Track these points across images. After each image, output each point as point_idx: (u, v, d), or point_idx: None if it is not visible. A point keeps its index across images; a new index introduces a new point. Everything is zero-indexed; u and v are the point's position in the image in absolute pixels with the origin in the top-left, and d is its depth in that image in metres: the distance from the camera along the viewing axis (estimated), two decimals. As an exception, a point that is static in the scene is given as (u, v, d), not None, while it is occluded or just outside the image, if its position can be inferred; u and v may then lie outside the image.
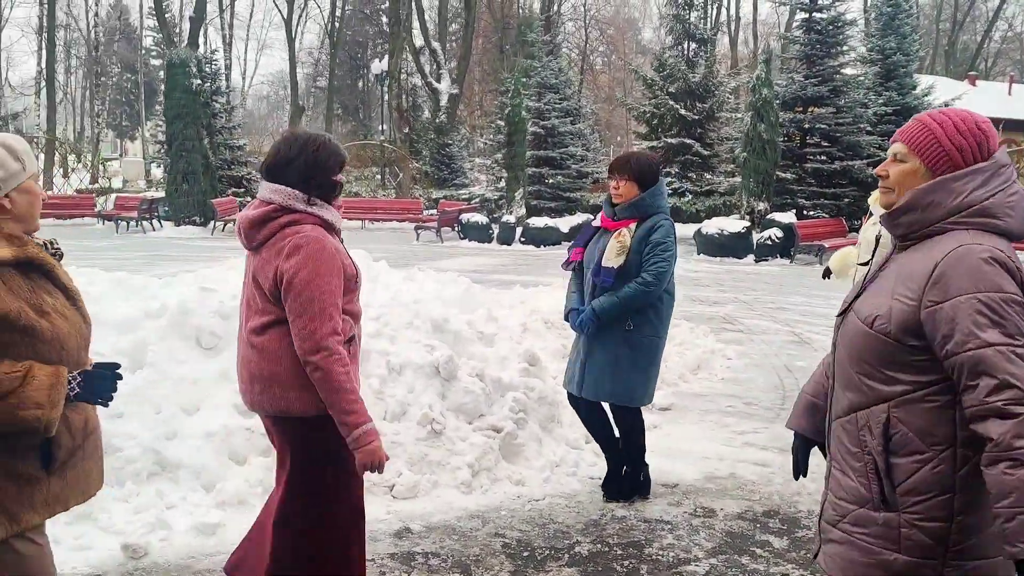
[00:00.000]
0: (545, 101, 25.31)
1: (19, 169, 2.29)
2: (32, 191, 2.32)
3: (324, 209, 2.94)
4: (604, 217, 4.53)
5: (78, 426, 2.32)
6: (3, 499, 2.19)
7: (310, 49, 59.42)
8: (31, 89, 46.14)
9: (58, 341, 2.25)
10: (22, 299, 2.20)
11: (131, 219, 21.78)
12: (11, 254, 2.21)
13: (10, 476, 2.20)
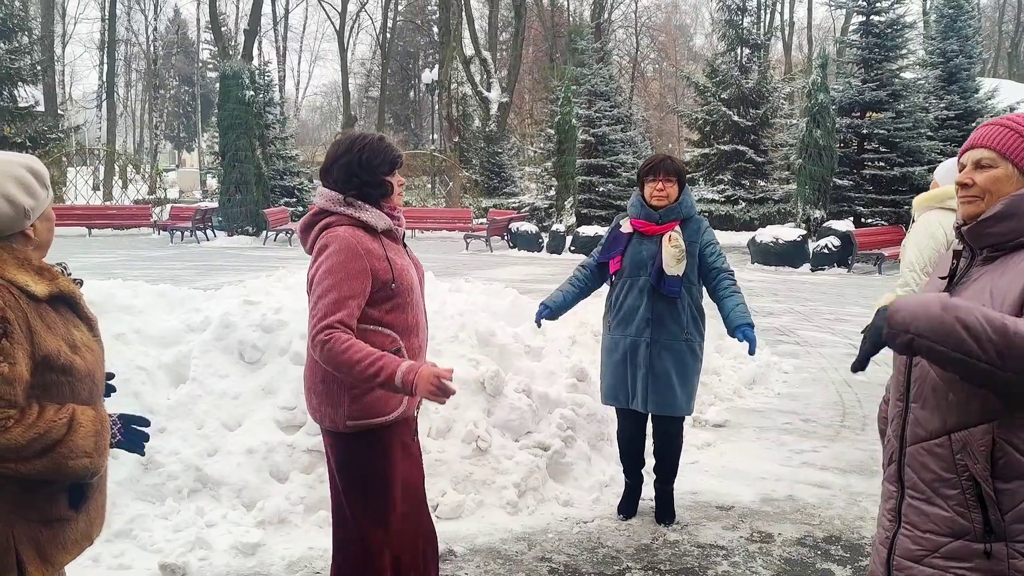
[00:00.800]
0: (595, 109, 25.15)
1: (46, 196, 2.20)
2: (51, 218, 2.24)
3: (362, 210, 2.85)
4: (640, 221, 4.24)
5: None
6: (40, 544, 2.11)
7: (362, 60, 60.03)
8: (93, 102, 47.33)
9: (90, 376, 2.18)
10: (60, 336, 2.11)
11: (185, 229, 22.11)
12: (46, 290, 2.10)
13: (45, 521, 2.12)
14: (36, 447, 1.99)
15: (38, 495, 2.10)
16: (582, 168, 23.99)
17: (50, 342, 2.07)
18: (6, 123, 27.92)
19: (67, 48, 49.92)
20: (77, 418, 2.07)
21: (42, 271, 2.13)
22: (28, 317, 2.04)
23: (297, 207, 25.95)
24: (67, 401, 2.11)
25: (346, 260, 2.73)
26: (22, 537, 2.07)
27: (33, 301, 2.07)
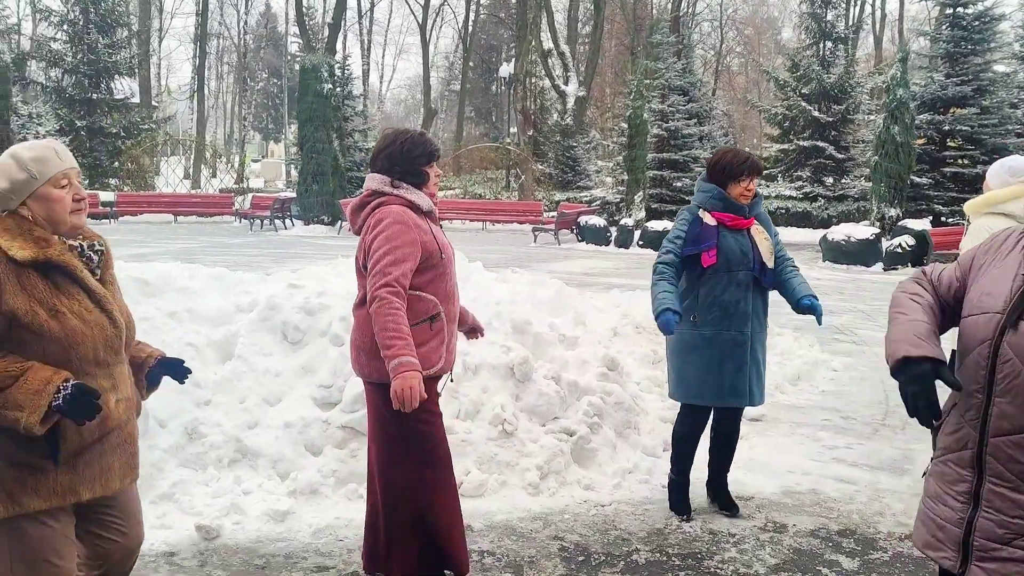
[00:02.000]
0: (669, 103, 24.98)
1: (27, 178, 2.42)
2: (49, 197, 2.43)
3: (410, 192, 3.29)
4: (728, 215, 4.24)
5: (92, 425, 2.41)
6: (9, 484, 2.37)
7: (446, 53, 60.67)
8: (185, 94, 49.11)
9: (67, 341, 2.37)
10: (36, 299, 2.34)
11: (264, 218, 22.86)
12: (30, 255, 2.35)
13: (16, 464, 2.37)
14: None
15: (15, 439, 2.34)
16: (654, 163, 23.89)
17: (19, 302, 2.32)
18: (103, 114, 29.29)
19: (163, 42, 51.96)
20: (27, 375, 2.28)
21: (39, 241, 2.38)
22: (1, 278, 2.31)
23: (373, 198, 26.52)
24: (36, 359, 2.33)
25: (401, 231, 3.17)
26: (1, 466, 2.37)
27: (13, 264, 2.33)
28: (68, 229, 2.49)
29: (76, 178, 2.54)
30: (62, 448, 2.39)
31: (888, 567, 3.91)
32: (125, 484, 2.60)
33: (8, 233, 2.37)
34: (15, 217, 2.41)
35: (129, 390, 2.63)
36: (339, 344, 5.09)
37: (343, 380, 4.93)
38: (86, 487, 2.47)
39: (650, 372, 6.33)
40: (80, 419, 2.33)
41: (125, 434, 2.58)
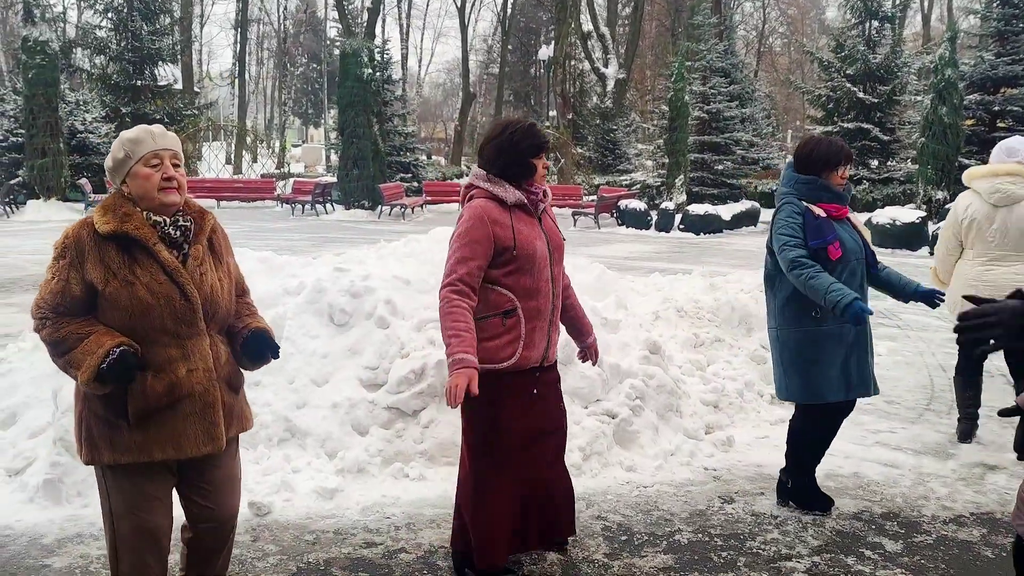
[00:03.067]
0: (710, 85, 24.74)
1: (124, 157, 2.68)
2: (140, 174, 2.66)
3: (497, 185, 3.34)
4: (834, 205, 4.13)
5: (156, 391, 2.61)
6: (94, 436, 2.65)
7: (484, 36, 60.57)
8: (226, 80, 49.64)
9: (135, 310, 2.59)
10: (111, 270, 2.58)
11: (306, 202, 23.11)
12: (110, 229, 2.59)
13: (100, 419, 2.64)
14: (59, 348, 2.58)
15: (101, 397, 2.61)
16: (695, 145, 23.70)
17: (97, 272, 2.57)
18: (147, 100, 29.72)
19: (204, 28, 52.51)
20: (90, 338, 2.54)
21: (122, 216, 2.62)
22: (84, 249, 2.59)
23: (412, 182, 26.66)
24: (110, 324, 2.60)
25: (472, 228, 3.25)
26: (88, 416, 2.67)
27: (98, 236, 2.60)
28: (157, 205, 2.67)
29: (169, 159, 2.70)
30: (130, 409, 2.59)
31: (932, 550, 3.91)
32: (202, 451, 2.70)
33: (103, 208, 2.65)
34: (116, 195, 2.69)
35: (210, 361, 2.72)
36: (384, 327, 5.18)
37: (388, 362, 5.01)
38: (158, 448, 2.64)
39: (692, 356, 6.33)
40: (118, 383, 2.55)
41: (203, 404, 2.69)
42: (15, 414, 4.95)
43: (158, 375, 2.62)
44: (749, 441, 5.38)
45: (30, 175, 22.10)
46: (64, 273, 2.59)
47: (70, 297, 2.59)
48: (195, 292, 2.66)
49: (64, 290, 2.58)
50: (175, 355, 2.64)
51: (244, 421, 2.92)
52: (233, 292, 2.88)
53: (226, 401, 2.78)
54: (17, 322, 8.21)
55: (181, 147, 2.83)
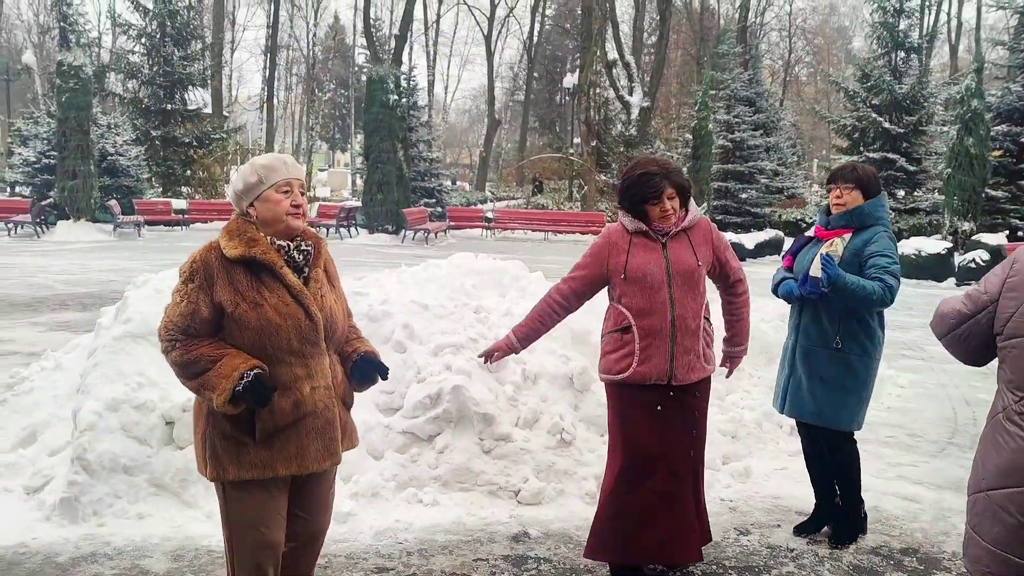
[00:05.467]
0: (735, 114, 24.73)
1: (256, 181, 2.77)
2: (271, 199, 2.76)
3: (626, 216, 3.72)
4: (818, 227, 4.28)
5: (284, 409, 2.71)
6: (220, 453, 2.73)
7: (510, 64, 61.01)
8: (255, 105, 50.29)
9: (264, 331, 2.68)
10: (239, 292, 2.68)
11: (330, 226, 23.28)
12: (239, 253, 2.69)
13: (225, 436, 2.72)
14: (190, 370, 2.66)
15: (228, 416, 2.69)
16: (718, 174, 23.67)
17: (226, 294, 2.67)
18: (177, 124, 30.17)
19: (235, 54, 53.35)
20: (222, 360, 2.63)
21: (250, 241, 2.71)
22: (213, 273, 2.68)
23: (436, 207, 26.79)
24: (239, 345, 2.69)
25: (594, 244, 3.77)
26: (213, 435, 2.75)
27: (226, 260, 2.70)
28: (283, 229, 2.78)
29: (298, 187, 2.83)
30: (258, 427, 2.69)
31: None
32: (323, 466, 2.82)
33: (229, 233, 2.74)
34: (240, 220, 2.78)
35: (330, 379, 2.84)
36: (401, 351, 5.19)
37: (404, 387, 5.02)
38: (282, 464, 2.74)
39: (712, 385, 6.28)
40: (254, 405, 2.64)
41: (323, 420, 2.80)
42: (35, 432, 5.01)
43: (285, 393, 2.72)
44: (767, 472, 5.33)
45: (61, 196, 22.44)
46: (194, 296, 2.68)
47: (199, 319, 2.68)
48: (318, 313, 2.78)
49: (194, 312, 2.67)
50: (300, 374, 2.75)
51: (354, 438, 3.03)
52: (346, 314, 3.02)
53: (342, 418, 2.91)
54: (43, 341, 8.31)
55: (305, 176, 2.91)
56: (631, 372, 3.61)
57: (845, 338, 4.07)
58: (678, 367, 3.61)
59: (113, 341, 4.85)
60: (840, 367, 4.09)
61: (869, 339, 4.10)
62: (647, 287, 3.59)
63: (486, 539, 4.26)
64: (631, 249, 3.64)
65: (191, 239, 21.08)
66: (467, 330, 5.37)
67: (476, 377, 5.05)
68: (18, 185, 26.66)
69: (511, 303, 5.94)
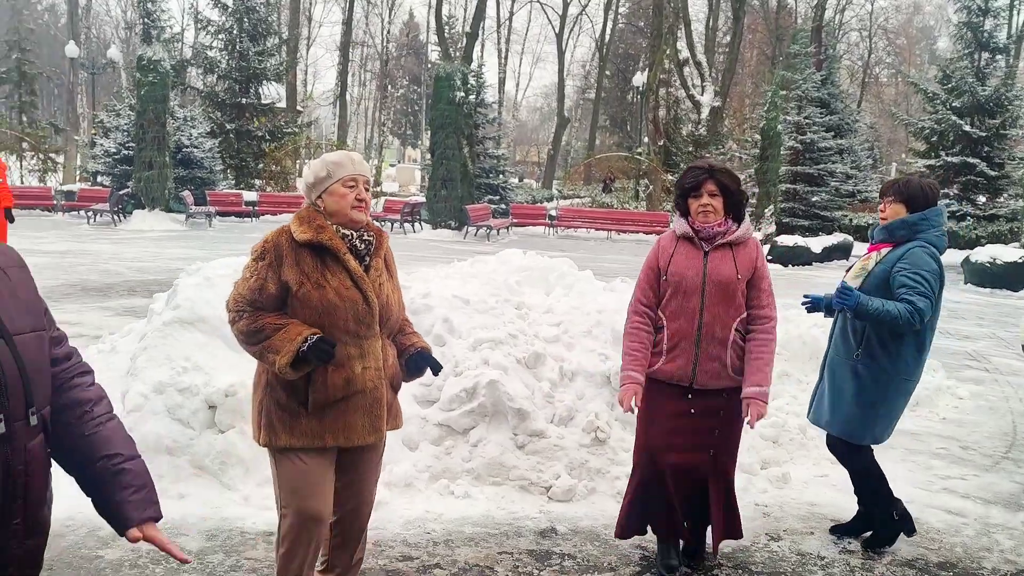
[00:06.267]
0: (805, 115, 24.23)
1: (325, 176, 3.01)
2: (337, 192, 3.00)
3: (677, 219, 3.83)
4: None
5: (336, 384, 2.92)
6: (275, 422, 2.96)
7: (582, 62, 60.81)
8: (328, 100, 51.15)
9: (324, 309, 2.90)
10: (304, 273, 2.91)
11: (394, 221, 23.55)
12: (307, 238, 2.93)
13: (280, 406, 2.96)
14: (256, 337, 2.88)
15: (284, 388, 2.94)
16: (787, 176, 23.23)
17: (292, 274, 2.91)
18: (251, 118, 30.89)
19: (311, 49, 54.30)
20: (287, 327, 2.85)
21: (318, 228, 2.95)
22: (282, 253, 2.92)
23: (500, 204, 26.88)
24: (298, 318, 2.91)
25: (649, 253, 3.88)
26: (269, 404, 2.98)
27: (295, 243, 2.93)
28: (347, 221, 3.01)
29: (363, 183, 3.05)
30: (311, 398, 2.91)
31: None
32: (367, 441, 3.03)
33: (300, 219, 2.99)
34: (310, 209, 3.03)
35: (380, 362, 3.03)
36: (440, 344, 5.25)
37: (442, 380, 5.08)
38: (331, 436, 2.96)
39: (755, 388, 6.19)
40: (318, 362, 2.84)
41: (371, 399, 3.00)
42: (89, 412, 5.20)
43: (338, 369, 2.92)
44: (807, 479, 5.23)
45: (137, 186, 23.19)
46: (263, 272, 2.93)
47: (266, 294, 2.92)
48: (375, 298, 2.99)
49: (261, 287, 2.92)
50: (353, 353, 2.95)
51: (398, 419, 3.24)
52: (401, 304, 3.21)
53: (388, 399, 3.10)
54: (108, 324, 8.62)
55: (371, 174, 3.20)
56: (657, 368, 3.73)
57: (864, 354, 4.06)
58: (700, 372, 3.68)
59: (162, 326, 5.02)
60: (856, 381, 4.08)
61: (889, 357, 4.02)
62: (681, 291, 3.68)
63: (513, 533, 4.28)
64: (675, 253, 3.75)
65: (260, 230, 21.53)
66: (507, 326, 5.40)
67: (513, 373, 5.08)
68: (99, 175, 27.61)
69: (554, 300, 5.96)
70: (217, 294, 5.29)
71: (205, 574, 3.71)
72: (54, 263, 14.00)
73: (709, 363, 3.66)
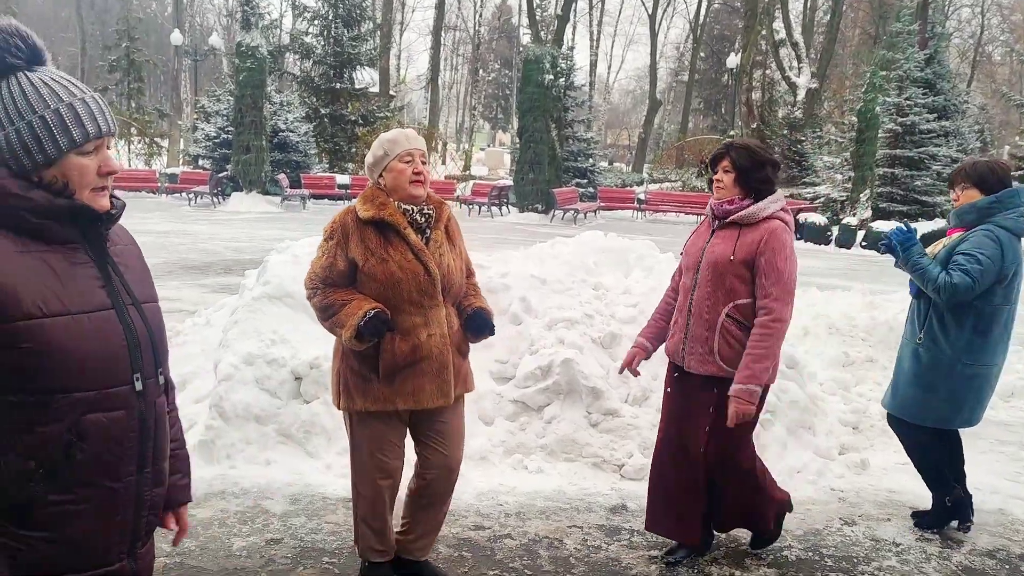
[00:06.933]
0: (907, 96, 23.35)
1: (383, 154, 3.17)
2: (395, 169, 3.15)
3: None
4: None
5: (403, 351, 3.10)
6: (350, 387, 3.18)
7: (676, 44, 59.89)
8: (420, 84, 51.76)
9: (388, 282, 3.07)
10: (369, 249, 3.09)
11: (482, 204, 23.77)
12: (370, 215, 3.11)
13: (354, 373, 3.16)
14: (327, 312, 3.09)
15: (356, 356, 3.13)
16: (885, 159, 22.47)
17: (358, 250, 3.09)
18: (344, 102, 31.53)
19: (404, 34, 55.01)
20: (351, 303, 3.04)
21: (380, 205, 3.12)
22: (348, 232, 3.11)
23: (587, 188, 26.81)
24: (366, 294, 3.09)
25: None
26: (345, 371, 3.19)
27: (360, 221, 3.12)
28: (406, 196, 3.16)
29: (419, 157, 3.18)
30: (381, 365, 3.10)
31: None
32: (436, 404, 3.18)
33: (364, 199, 3.18)
34: (373, 188, 3.21)
35: (445, 329, 3.18)
36: (517, 323, 5.34)
37: (518, 357, 5.17)
38: (400, 399, 3.14)
39: (837, 374, 6.11)
40: (373, 338, 3.03)
41: (438, 364, 3.16)
42: (185, 382, 5.49)
43: (405, 338, 3.10)
44: (886, 466, 5.14)
45: (235, 169, 24.00)
46: (332, 251, 3.13)
47: (336, 271, 3.13)
48: (436, 269, 3.14)
49: (332, 265, 3.13)
50: (418, 322, 3.12)
51: (468, 382, 3.37)
52: (463, 271, 3.34)
53: (456, 364, 3.23)
54: (205, 300, 9.01)
55: (427, 148, 3.33)
56: (665, 344, 3.84)
57: (926, 337, 4.06)
58: (687, 352, 3.60)
59: (252, 301, 5.25)
60: (916, 363, 4.11)
61: (948, 340, 3.98)
62: (685, 268, 3.70)
63: (584, 508, 4.36)
64: (696, 229, 3.77)
65: (352, 212, 22.00)
66: (583, 306, 5.46)
67: (588, 352, 5.14)
68: (200, 158, 28.65)
69: (632, 282, 5.97)
70: (303, 271, 5.49)
71: (288, 535, 3.90)
72: (158, 243, 14.66)
73: (695, 344, 3.54)
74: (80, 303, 1.67)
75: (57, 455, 1.63)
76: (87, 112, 1.70)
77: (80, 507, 1.68)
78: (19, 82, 1.69)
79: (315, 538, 3.88)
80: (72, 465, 1.66)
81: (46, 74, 1.71)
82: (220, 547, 3.74)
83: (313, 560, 3.67)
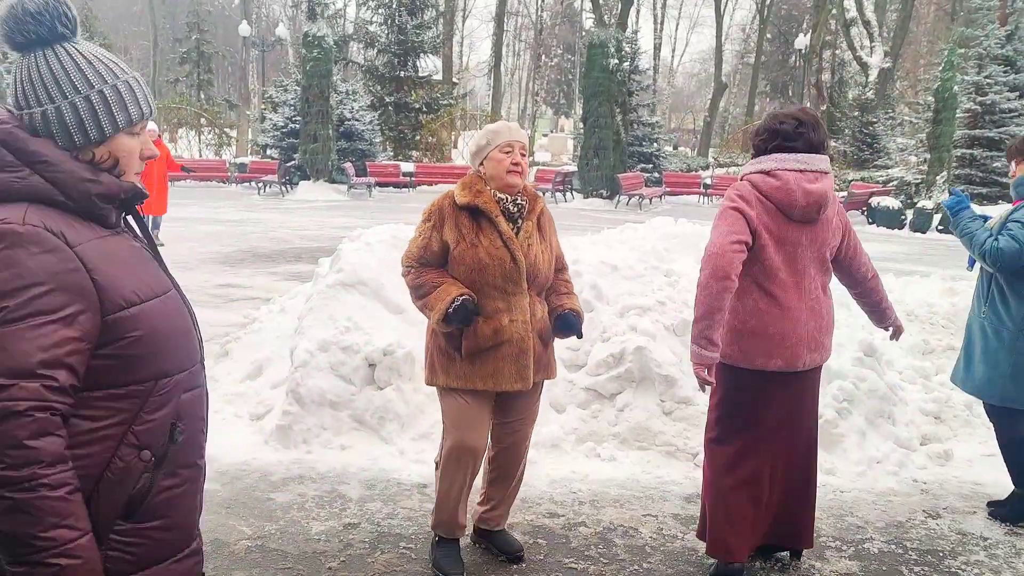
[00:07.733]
0: (986, 75, 22.55)
1: (485, 144, 3.30)
2: (495, 158, 3.27)
3: None
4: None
5: (485, 334, 3.21)
6: (437, 364, 3.33)
7: (742, 25, 58.80)
8: (483, 71, 51.78)
9: (476, 267, 3.19)
10: (461, 234, 3.23)
11: (546, 190, 23.72)
12: (466, 201, 3.25)
13: (440, 351, 3.31)
14: (419, 292, 3.25)
15: (445, 336, 3.26)
16: (963, 140, 21.74)
17: (451, 234, 3.23)
18: (409, 90, 31.74)
19: (466, 21, 55.04)
20: (442, 287, 3.18)
21: (476, 193, 3.25)
22: (445, 216, 3.26)
23: (653, 173, 26.54)
24: (455, 276, 3.24)
25: None
26: (433, 348, 3.35)
27: (456, 207, 3.26)
28: (503, 185, 3.28)
29: (519, 149, 3.29)
30: (463, 346, 3.23)
31: None
32: (514, 387, 3.28)
33: (463, 185, 3.31)
34: (473, 175, 3.34)
35: (528, 316, 3.27)
36: (588, 310, 5.30)
37: (589, 345, 5.15)
38: (480, 380, 3.26)
39: (917, 362, 5.94)
40: (459, 325, 3.16)
41: (518, 349, 3.25)
42: (261, 367, 5.60)
43: (487, 321, 3.21)
44: (971, 457, 4.99)
45: (303, 158, 24.35)
46: (428, 233, 3.28)
47: (430, 252, 3.28)
48: (522, 258, 3.23)
49: (427, 246, 3.28)
50: (501, 307, 3.23)
51: (549, 370, 3.45)
52: (552, 264, 3.42)
53: (536, 350, 3.32)
54: (277, 288, 9.18)
55: (527, 141, 3.43)
56: None
57: (990, 311, 4.08)
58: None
59: (327, 288, 5.32)
60: (984, 339, 4.11)
61: (1009, 312, 4.00)
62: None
63: (658, 497, 4.32)
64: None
65: (416, 200, 22.22)
66: (655, 293, 5.40)
67: (661, 339, 5.09)
68: (268, 148, 29.14)
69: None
70: (376, 259, 5.56)
71: (365, 519, 3.95)
72: (229, 231, 14.97)
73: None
74: (156, 286, 1.67)
75: (165, 440, 1.66)
76: (141, 92, 1.68)
77: (183, 488, 1.71)
78: (69, 54, 1.60)
79: (392, 523, 3.92)
80: (178, 447, 1.68)
81: (93, 49, 1.66)
82: (299, 531, 3.81)
83: (390, 544, 3.71)
